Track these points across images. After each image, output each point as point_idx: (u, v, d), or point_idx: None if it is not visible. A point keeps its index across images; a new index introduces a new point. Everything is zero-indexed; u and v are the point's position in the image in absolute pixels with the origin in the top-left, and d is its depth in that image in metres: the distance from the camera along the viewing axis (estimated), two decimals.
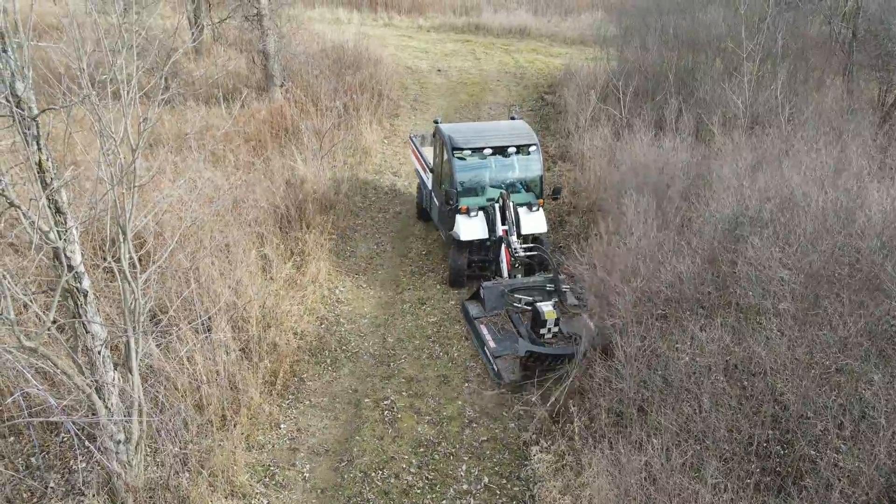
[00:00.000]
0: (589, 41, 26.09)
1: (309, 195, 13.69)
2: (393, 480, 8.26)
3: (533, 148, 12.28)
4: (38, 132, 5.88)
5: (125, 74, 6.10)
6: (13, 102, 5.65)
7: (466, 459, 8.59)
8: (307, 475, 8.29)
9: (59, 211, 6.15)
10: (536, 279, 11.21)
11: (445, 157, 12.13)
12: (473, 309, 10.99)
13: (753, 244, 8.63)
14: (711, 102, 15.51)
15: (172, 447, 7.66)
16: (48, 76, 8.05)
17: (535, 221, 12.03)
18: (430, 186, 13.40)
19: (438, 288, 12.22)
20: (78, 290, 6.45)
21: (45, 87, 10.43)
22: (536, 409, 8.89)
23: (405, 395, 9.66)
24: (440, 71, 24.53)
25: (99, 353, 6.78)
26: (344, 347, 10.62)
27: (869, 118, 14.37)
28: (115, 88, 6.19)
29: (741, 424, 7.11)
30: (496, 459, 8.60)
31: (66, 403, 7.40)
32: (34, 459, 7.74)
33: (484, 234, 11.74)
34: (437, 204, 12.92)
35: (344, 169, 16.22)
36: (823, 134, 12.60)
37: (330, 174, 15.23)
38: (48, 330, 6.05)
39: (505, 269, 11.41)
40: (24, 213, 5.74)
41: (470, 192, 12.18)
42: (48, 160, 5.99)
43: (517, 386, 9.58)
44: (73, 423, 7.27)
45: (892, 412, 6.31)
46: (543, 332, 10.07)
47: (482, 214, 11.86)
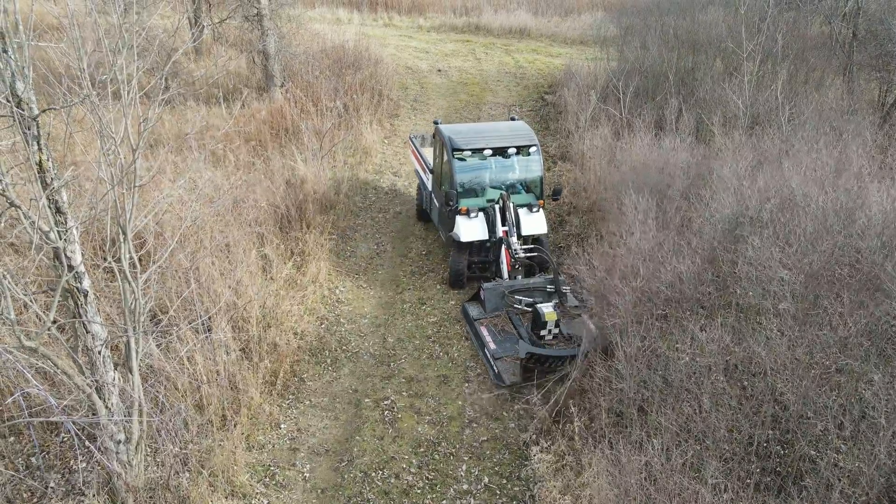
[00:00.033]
0: (589, 41, 26.11)
1: (309, 195, 13.69)
2: (393, 480, 8.26)
3: (533, 149, 12.25)
4: (38, 132, 5.88)
5: (125, 74, 6.10)
6: (13, 102, 5.65)
7: (466, 459, 8.59)
8: (307, 475, 8.29)
9: (59, 211, 6.15)
10: (537, 280, 11.19)
11: (445, 157, 12.11)
12: (473, 310, 10.98)
13: (753, 244, 8.62)
14: (711, 102, 15.51)
15: (172, 447, 7.66)
16: (48, 76, 8.03)
17: (535, 222, 12.01)
18: (429, 187, 13.37)
19: (438, 288, 12.22)
20: (78, 290, 6.45)
21: (45, 87, 10.40)
22: (537, 409, 8.89)
23: (405, 395, 9.66)
24: (440, 71, 24.53)
25: (99, 353, 6.78)
26: (344, 347, 10.62)
27: (869, 118, 14.39)
28: (115, 88, 6.19)
29: (741, 424, 7.11)
30: (496, 459, 8.60)
31: (66, 403, 7.40)
32: (34, 459, 7.74)
33: (484, 235, 11.72)
34: (437, 205, 12.89)
35: (344, 169, 16.23)
36: (823, 134, 12.61)
37: (330, 174, 15.24)
38: (48, 330, 6.05)
39: (505, 270, 11.38)
40: (24, 213, 5.74)
41: (470, 193, 12.16)
42: (48, 160, 6.00)
43: (518, 387, 9.58)
44: (73, 423, 7.27)
45: (892, 412, 6.32)
46: (544, 333, 10.05)
47: (482, 215, 11.83)
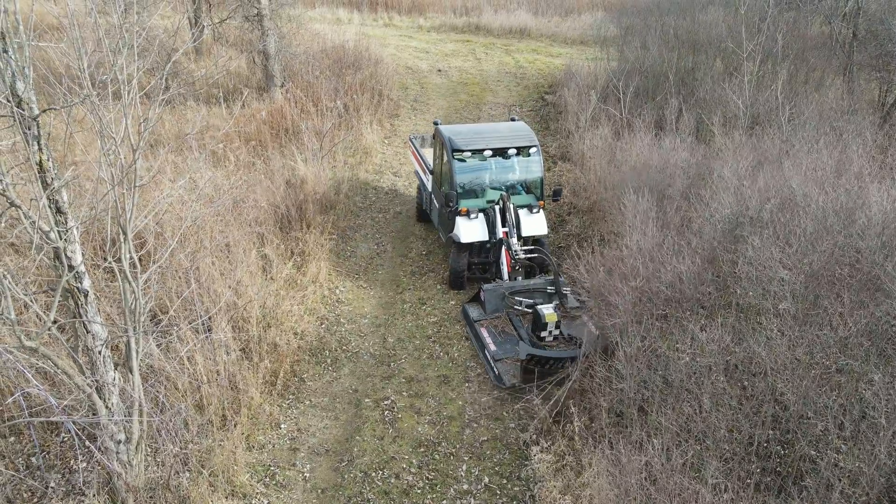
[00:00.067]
0: (589, 41, 26.11)
1: (309, 195, 13.69)
2: (393, 480, 8.26)
3: (533, 149, 12.22)
4: (38, 132, 5.88)
5: (126, 74, 6.10)
6: (14, 102, 5.65)
7: (467, 459, 8.59)
8: (307, 475, 8.29)
9: (59, 211, 6.15)
10: (537, 281, 11.16)
11: (445, 158, 12.09)
12: (474, 311, 10.95)
13: (753, 244, 8.62)
14: (712, 102, 15.52)
15: (173, 447, 7.66)
16: (49, 76, 8.04)
17: (535, 223, 11.98)
18: (429, 188, 13.35)
19: (439, 288, 12.22)
20: (78, 289, 6.46)
21: (45, 87, 10.42)
22: (537, 409, 8.89)
23: (405, 395, 9.66)
24: (440, 71, 24.53)
25: (99, 352, 6.78)
26: (344, 347, 10.62)
27: (869, 118, 14.39)
28: (115, 88, 6.19)
29: (741, 424, 7.11)
30: (496, 459, 8.60)
31: (66, 403, 7.40)
32: (35, 459, 7.74)
33: (484, 236, 11.70)
34: (436, 206, 12.87)
35: (344, 169, 16.23)
36: (824, 134, 12.61)
37: (330, 174, 15.24)
38: (49, 330, 6.05)
39: (505, 271, 11.35)
40: (24, 213, 5.75)
41: (470, 193, 12.15)
42: (49, 160, 6.00)
43: (518, 388, 9.58)
44: (73, 422, 7.28)
45: (892, 412, 6.31)
46: (544, 334, 10.01)
47: (482, 216, 11.81)
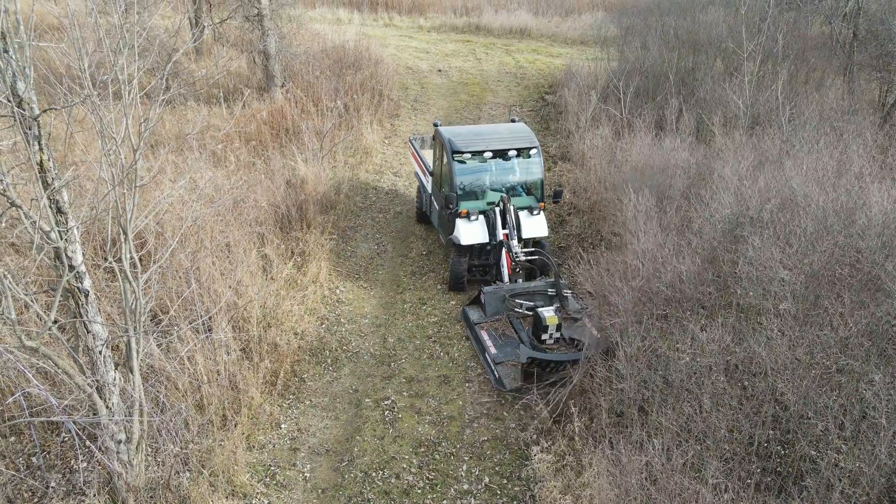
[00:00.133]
0: (589, 41, 26.11)
1: (310, 195, 13.69)
2: (394, 480, 8.26)
3: (534, 151, 12.18)
4: (39, 132, 5.88)
5: (126, 75, 6.10)
6: (14, 102, 5.66)
7: (467, 459, 8.60)
8: (308, 475, 8.29)
9: (60, 211, 6.16)
10: (538, 284, 11.12)
11: (445, 160, 12.06)
12: (474, 314, 10.92)
13: (754, 244, 8.62)
14: (712, 102, 15.52)
15: (173, 447, 7.67)
16: (49, 76, 8.05)
17: (535, 225, 11.95)
18: (429, 190, 13.33)
19: (439, 288, 12.22)
20: (79, 289, 6.46)
21: (46, 87, 10.44)
22: (537, 409, 8.89)
23: (406, 395, 9.66)
24: (440, 71, 24.54)
25: (100, 352, 6.79)
26: (344, 347, 10.62)
27: (869, 118, 14.38)
28: (115, 89, 6.20)
29: (742, 424, 7.11)
30: (497, 459, 8.60)
31: (66, 403, 7.41)
32: (35, 459, 7.75)
33: (484, 238, 11.66)
34: (436, 207, 12.85)
35: (344, 169, 16.23)
36: (824, 134, 12.60)
37: (330, 174, 15.25)
38: (49, 330, 6.05)
39: (506, 273, 11.33)
40: (25, 212, 5.75)
41: (470, 195, 12.13)
42: (49, 160, 6.00)
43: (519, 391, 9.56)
44: (73, 422, 7.28)
45: (892, 412, 6.31)
46: (545, 337, 9.97)
47: (482, 218, 11.78)
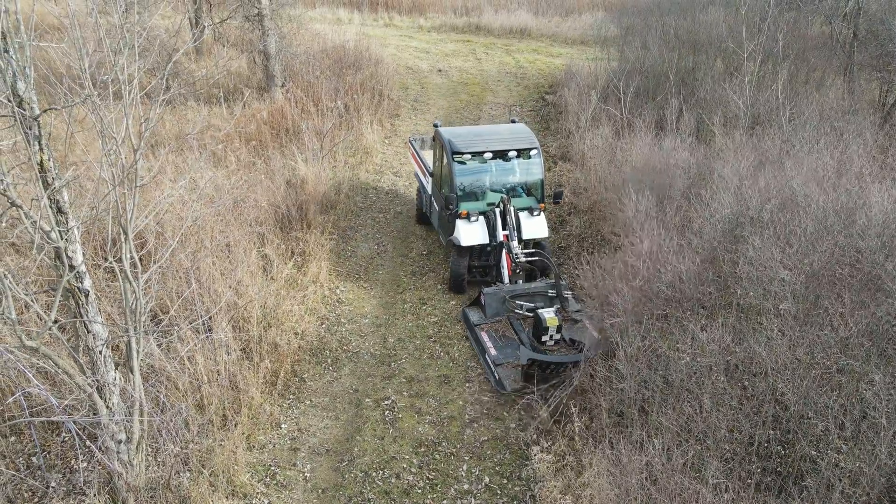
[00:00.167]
0: (590, 41, 26.10)
1: (310, 195, 13.69)
2: (394, 480, 8.26)
3: (534, 151, 12.16)
4: (39, 132, 5.89)
5: (126, 75, 6.11)
6: (15, 102, 5.66)
7: (467, 459, 8.60)
8: (308, 475, 8.29)
9: (60, 211, 6.16)
10: (538, 285, 11.09)
11: (445, 161, 12.04)
12: (474, 315, 10.90)
13: (754, 244, 8.62)
14: (712, 102, 15.51)
15: (173, 447, 7.67)
16: (50, 76, 8.05)
17: (536, 226, 11.93)
18: (429, 191, 13.31)
19: (439, 288, 12.22)
20: (79, 289, 6.46)
21: (46, 87, 10.44)
22: (537, 409, 8.89)
23: (406, 394, 9.66)
24: (441, 71, 24.54)
25: (100, 352, 6.79)
26: (345, 347, 10.62)
27: (870, 118, 14.37)
28: (116, 89, 6.20)
29: (742, 424, 7.11)
30: (497, 459, 8.60)
31: (67, 403, 7.41)
32: (35, 459, 7.75)
33: (484, 239, 11.63)
34: (436, 208, 12.83)
35: (345, 169, 16.24)
36: (824, 134, 12.59)
37: (331, 174, 15.25)
38: (49, 330, 6.05)
39: (506, 274, 11.32)
40: (25, 212, 5.75)
41: (470, 196, 12.11)
42: (50, 160, 6.00)
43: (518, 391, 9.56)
44: (74, 422, 7.28)
45: (893, 412, 6.32)
46: (545, 338, 9.95)
47: (482, 219, 11.76)
